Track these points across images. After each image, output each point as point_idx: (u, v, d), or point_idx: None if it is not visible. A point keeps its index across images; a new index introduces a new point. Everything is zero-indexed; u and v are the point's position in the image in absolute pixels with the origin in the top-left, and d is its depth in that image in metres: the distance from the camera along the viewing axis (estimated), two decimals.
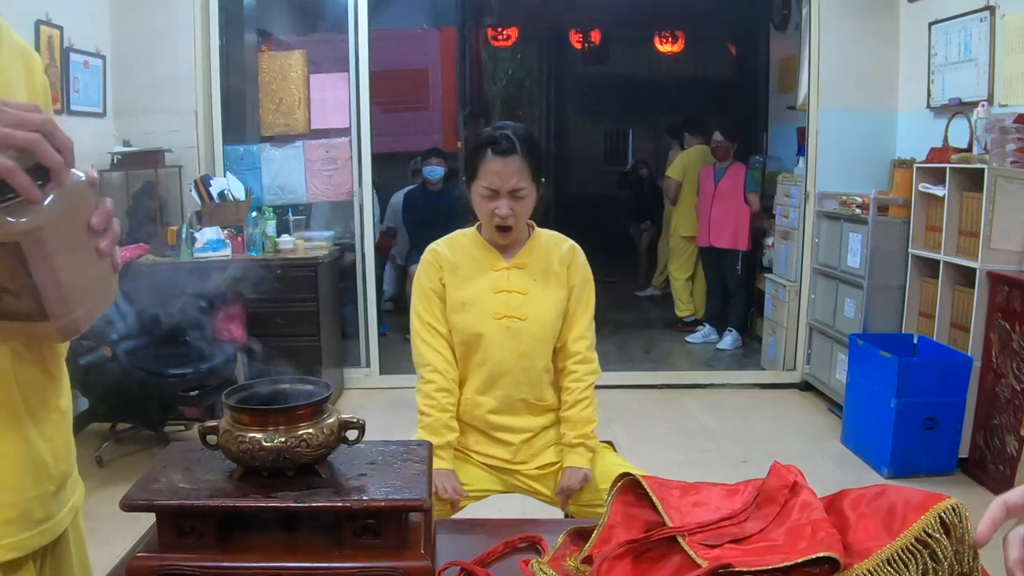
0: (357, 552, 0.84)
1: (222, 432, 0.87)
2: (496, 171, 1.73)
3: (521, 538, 1.03)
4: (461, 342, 1.81)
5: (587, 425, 1.82)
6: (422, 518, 0.90)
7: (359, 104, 4.53)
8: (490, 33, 7.74)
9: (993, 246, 3.18)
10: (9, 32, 0.87)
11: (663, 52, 8.08)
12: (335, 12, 4.84)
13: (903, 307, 3.85)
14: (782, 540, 0.83)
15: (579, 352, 1.84)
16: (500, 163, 1.72)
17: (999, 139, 3.21)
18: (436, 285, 1.82)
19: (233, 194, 4.27)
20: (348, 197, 4.66)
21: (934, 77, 4.04)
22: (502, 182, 1.73)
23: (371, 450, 0.97)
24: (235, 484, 0.86)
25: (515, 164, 1.72)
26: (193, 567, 0.81)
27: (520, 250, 1.84)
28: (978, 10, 3.66)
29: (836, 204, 4.29)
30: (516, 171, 1.73)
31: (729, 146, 5.41)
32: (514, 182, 1.73)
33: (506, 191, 1.73)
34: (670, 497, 0.93)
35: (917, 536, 0.77)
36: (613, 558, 0.88)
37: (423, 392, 1.81)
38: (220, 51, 4.46)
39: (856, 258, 4.01)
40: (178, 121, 4.29)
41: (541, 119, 9.20)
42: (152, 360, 3.28)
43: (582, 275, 1.86)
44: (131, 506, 0.84)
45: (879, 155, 4.41)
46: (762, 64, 6.58)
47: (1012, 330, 3.07)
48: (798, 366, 4.65)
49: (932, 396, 3.22)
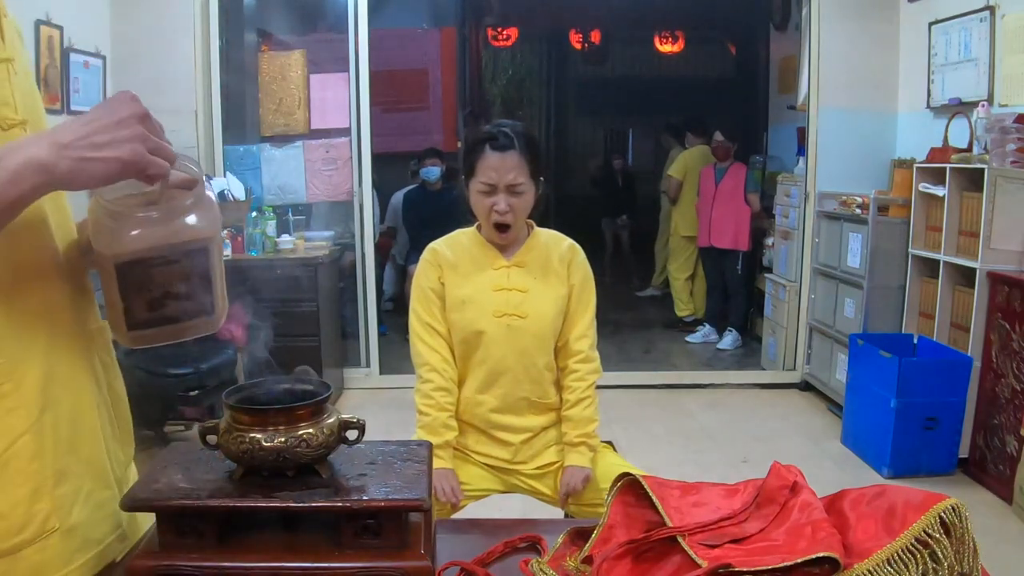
0: (357, 552, 0.84)
1: (222, 432, 0.87)
2: (494, 166, 1.73)
3: (521, 538, 1.03)
4: (461, 340, 1.81)
5: (589, 424, 1.82)
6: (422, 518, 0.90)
7: (359, 104, 4.53)
8: (490, 33, 7.74)
9: (993, 246, 3.18)
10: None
11: (663, 52, 8.08)
12: (335, 12, 4.83)
13: (903, 307, 3.85)
14: (782, 540, 0.83)
15: (581, 351, 1.84)
16: (498, 158, 1.72)
17: (999, 139, 3.21)
18: (435, 284, 1.82)
19: (233, 194, 4.27)
20: (348, 197, 4.66)
21: (934, 77, 4.04)
22: (500, 177, 1.73)
23: (371, 450, 0.97)
24: (235, 484, 0.86)
25: (513, 159, 1.72)
26: (193, 567, 0.81)
27: (520, 248, 1.84)
28: (978, 10, 3.66)
29: (836, 204, 4.29)
30: (514, 166, 1.72)
31: (730, 146, 5.41)
32: (511, 177, 1.73)
33: (504, 186, 1.73)
34: (670, 497, 0.93)
35: (917, 536, 0.77)
36: (613, 558, 0.88)
37: (422, 392, 1.81)
38: (220, 51, 4.46)
39: (856, 258, 4.01)
40: (178, 121, 4.29)
41: (541, 119, 9.20)
42: (152, 360, 3.28)
43: (582, 274, 1.86)
44: (131, 506, 0.84)
45: (879, 155, 4.41)
46: (762, 64, 6.58)
47: (1012, 330, 3.07)
48: (798, 366, 4.65)
49: (932, 396, 3.22)
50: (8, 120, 0.82)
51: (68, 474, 0.85)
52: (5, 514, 0.79)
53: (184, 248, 0.82)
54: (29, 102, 0.87)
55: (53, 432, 0.84)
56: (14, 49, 0.85)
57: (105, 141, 0.74)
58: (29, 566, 0.80)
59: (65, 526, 0.83)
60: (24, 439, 0.80)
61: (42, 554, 0.81)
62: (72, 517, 0.84)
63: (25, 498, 0.80)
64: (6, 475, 0.79)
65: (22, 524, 0.80)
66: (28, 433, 0.81)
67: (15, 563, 0.79)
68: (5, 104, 0.82)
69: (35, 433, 0.81)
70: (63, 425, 0.85)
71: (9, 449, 0.79)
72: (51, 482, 0.82)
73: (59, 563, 0.83)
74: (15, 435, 0.80)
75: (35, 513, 0.81)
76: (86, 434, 0.89)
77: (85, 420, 0.90)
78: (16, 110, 0.83)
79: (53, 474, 0.83)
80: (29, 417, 0.81)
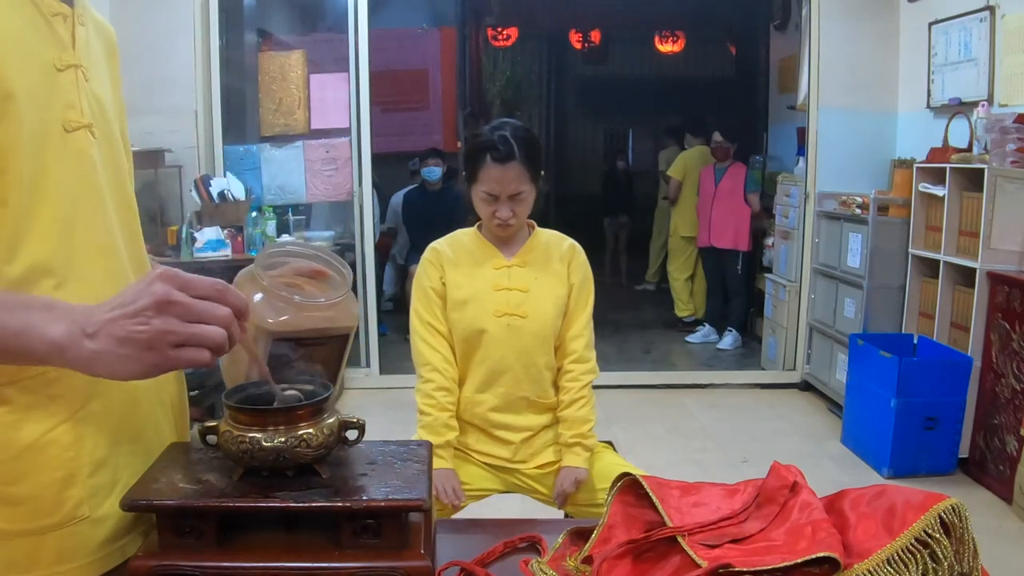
0: (357, 552, 0.84)
1: (222, 432, 0.87)
2: (495, 178, 1.73)
3: (521, 538, 1.03)
4: (462, 340, 1.82)
5: (583, 424, 1.82)
6: (422, 518, 0.90)
7: (359, 104, 4.53)
8: (490, 33, 7.74)
9: (993, 246, 3.18)
10: (90, 9, 0.93)
11: (663, 52, 8.08)
12: (335, 12, 4.83)
13: (903, 307, 3.85)
14: (782, 540, 0.83)
15: (576, 351, 1.85)
16: (499, 170, 1.73)
17: (999, 139, 3.21)
18: (436, 284, 1.83)
19: (233, 194, 4.27)
20: (348, 197, 4.66)
21: (934, 77, 4.04)
22: (502, 188, 1.74)
23: (371, 450, 0.97)
24: (235, 484, 0.86)
25: (514, 170, 1.73)
26: (193, 567, 0.81)
27: (521, 248, 1.84)
28: (978, 10, 3.66)
29: (836, 204, 4.29)
30: (515, 177, 1.73)
31: (729, 146, 5.41)
32: (513, 187, 1.74)
33: (506, 196, 1.74)
34: (670, 497, 0.93)
35: (917, 536, 0.77)
36: (613, 558, 0.88)
37: (423, 391, 1.81)
38: (220, 51, 4.46)
39: (856, 258, 4.01)
40: (178, 121, 4.29)
41: (541, 119, 9.20)
42: None
43: (582, 273, 1.86)
44: (131, 506, 0.84)
45: (879, 155, 4.41)
46: (762, 64, 6.58)
47: (1012, 330, 3.07)
48: (798, 366, 4.65)
49: (932, 396, 3.22)
50: (73, 122, 0.84)
51: (107, 465, 0.86)
52: (35, 496, 0.80)
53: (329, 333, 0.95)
54: (98, 109, 0.89)
55: (97, 423, 0.85)
56: (88, 58, 0.88)
57: (123, 336, 0.73)
58: (54, 549, 0.81)
59: (96, 515, 0.84)
60: (64, 426, 0.82)
61: (69, 540, 0.82)
62: (104, 508, 0.85)
63: (57, 483, 0.81)
64: (42, 459, 0.80)
65: (52, 508, 0.81)
66: (70, 421, 0.82)
67: (41, 544, 0.81)
68: (71, 107, 0.84)
69: (77, 421, 0.83)
70: (110, 417, 0.87)
71: (48, 434, 0.81)
72: (87, 471, 0.84)
73: (84, 552, 0.84)
74: (56, 421, 0.81)
75: (66, 499, 0.82)
76: (133, 429, 0.91)
77: (135, 415, 0.91)
78: (83, 113, 0.85)
79: (90, 463, 0.84)
80: (72, 406, 0.82)
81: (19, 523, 0.79)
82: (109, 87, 0.96)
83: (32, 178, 0.79)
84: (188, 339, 0.73)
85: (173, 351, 0.73)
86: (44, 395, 0.81)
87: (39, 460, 0.80)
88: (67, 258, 0.83)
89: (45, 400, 0.81)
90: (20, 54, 0.79)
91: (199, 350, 0.73)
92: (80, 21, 0.88)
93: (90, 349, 0.73)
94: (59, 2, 0.85)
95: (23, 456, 0.79)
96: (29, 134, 0.78)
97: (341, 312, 0.94)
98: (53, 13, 0.84)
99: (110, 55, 0.99)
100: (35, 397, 0.80)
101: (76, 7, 0.88)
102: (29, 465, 0.80)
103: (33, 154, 0.79)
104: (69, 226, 0.83)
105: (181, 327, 0.72)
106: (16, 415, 0.79)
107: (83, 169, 0.85)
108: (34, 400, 0.80)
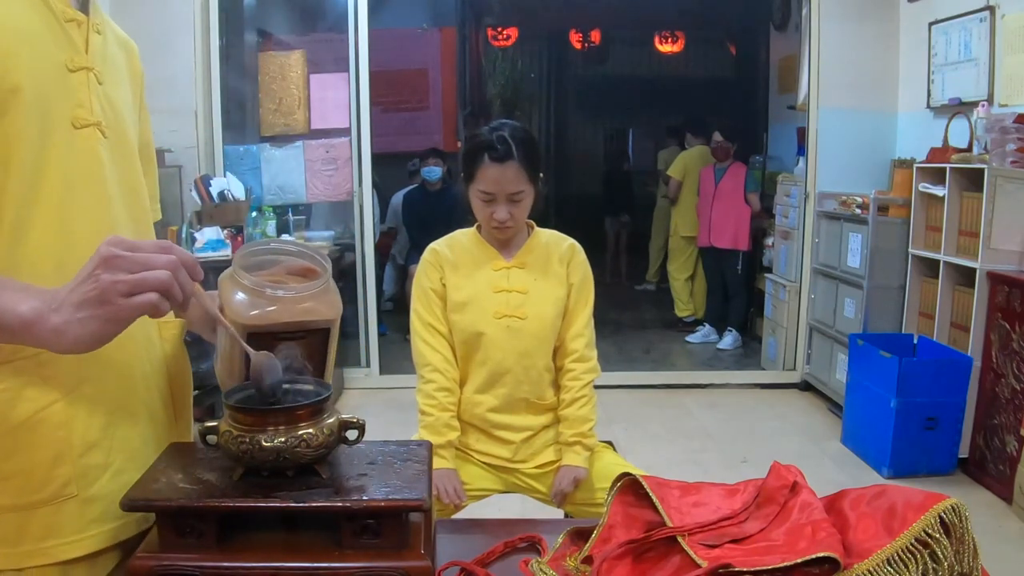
0: (357, 552, 0.84)
1: (222, 432, 0.87)
2: (493, 178, 1.73)
3: (521, 538, 1.03)
4: (462, 342, 1.82)
5: (584, 424, 1.82)
6: (422, 518, 0.90)
7: (359, 104, 4.53)
8: (490, 33, 7.74)
9: (993, 246, 3.18)
10: (111, 24, 1.01)
11: (663, 52, 8.08)
12: (335, 12, 4.83)
13: (903, 307, 3.85)
14: (782, 540, 0.83)
15: (576, 350, 1.84)
16: (497, 170, 1.72)
17: (999, 139, 3.21)
18: (436, 285, 1.83)
19: (233, 194, 4.27)
20: (348, 197, 4.66)
21: (934, 77, 4.04)
22: (499, 188, 1.73)
23: (371, 450, 0.97)
24: (235, 484, 0.86)
25: (512, 170, 1.72)
26: (193, 567, 0.81)
27: (520, 249, 1.84)
28: (978, 10, 3.66)
29: (836, 204, 4.29)
30: (513, 177, 1.73)
31: (729, 146, 5.41)
32: (511, 187, 1.73)
33: (504, 196, 1.74)
34: (670, 497, 0.93)
35: (917, 536, 0.77)
36: (613, 558, 0.88)
37: (424, 392, 1.81)
38: (220, 51, 4.46)
39: (856, 258, 4.01)
40: (178, 121, 4.29)
41: (541, 119, 9.19)
42: None
43: (582, 273, 1.86)
44: (131, 506, 0.84)
45: (879, 155, 4.41)
46: (762, 64, 6.59)
47: (1012, 330, 3.07)
48: (798, 366, 4.65)
49: (932, 396, 3.22)
50: (81, 120, 0.89)
51: (99, 447, 0.89)
52: (25, 472, 0.84)
53: (309, 326, 0.94)
54: (110, 110, 0.94)
55: (90, 405, 0.88)
56: (102, 63, 0.94)
57: (78, 300, 0.77)
58: (42, 524, 0.85)
59: (84, 495, 0.87)
60: (56, 406, 0.85)
61: (56, 516, 0.85)
62: (94, 488, 0.88)
63: (47, 460, 0.85)
64: (34, 436, 0.84)
65: (40, 484, 0.84)
66: (61, 401, 0.86)
67: (29, 518, 0.84)
68: (80, 106, 0.89)
69: (69, 402, 0.86)
70: (104, 400, 0.90)
71: (40, 413, 0.84)
72: (78, 451, 0.87)
73: (72, 528, 0.87)
74: (48, 401, 0.85)
75: (55, 477, 0.85)
76: (128, 415, 0.94)
77: (130, 401, 0.94)
78: (92, 112, 0.90)
79: (82, 444, 0.87)
80: (65, 386, 0.86)
81: (8, 497, 0.83)
82: (129, 96, 1.01)
83: (35, 168, 0.84)
84: (135, 286, 0.76)
85: (124, 300, 0.76)
86: (38, 375, 0.84)
87: (31, 438, 0.84)
88: (68, 245, 0.87)
89: (38, 380, 0.84)
90: (31, 52, 0.84)
91: (148, 295, 0.77)
92: (96, 29, 0.94)
93: (53, 322, 0.76)
94: (74, 9, 0.91)
95: (15, 433, 0.83)
96: (35, 127, 0.84)
97: (321, 303, 0.93)
98: (67, 19, 0.89)
99: (132, 72, 1.05)
100: (29, 377, 0.84)
101: (92, 16, 0.93)
102: (21, 442, 0.83)
103: (38, 146, 0.84)
104: (70, 215, 0.87)
105: (127, 276, 0.76)
106: (10, 393, 0.83)
107: (89, 163, 0.90)
108: (28, 380, 0.84)
